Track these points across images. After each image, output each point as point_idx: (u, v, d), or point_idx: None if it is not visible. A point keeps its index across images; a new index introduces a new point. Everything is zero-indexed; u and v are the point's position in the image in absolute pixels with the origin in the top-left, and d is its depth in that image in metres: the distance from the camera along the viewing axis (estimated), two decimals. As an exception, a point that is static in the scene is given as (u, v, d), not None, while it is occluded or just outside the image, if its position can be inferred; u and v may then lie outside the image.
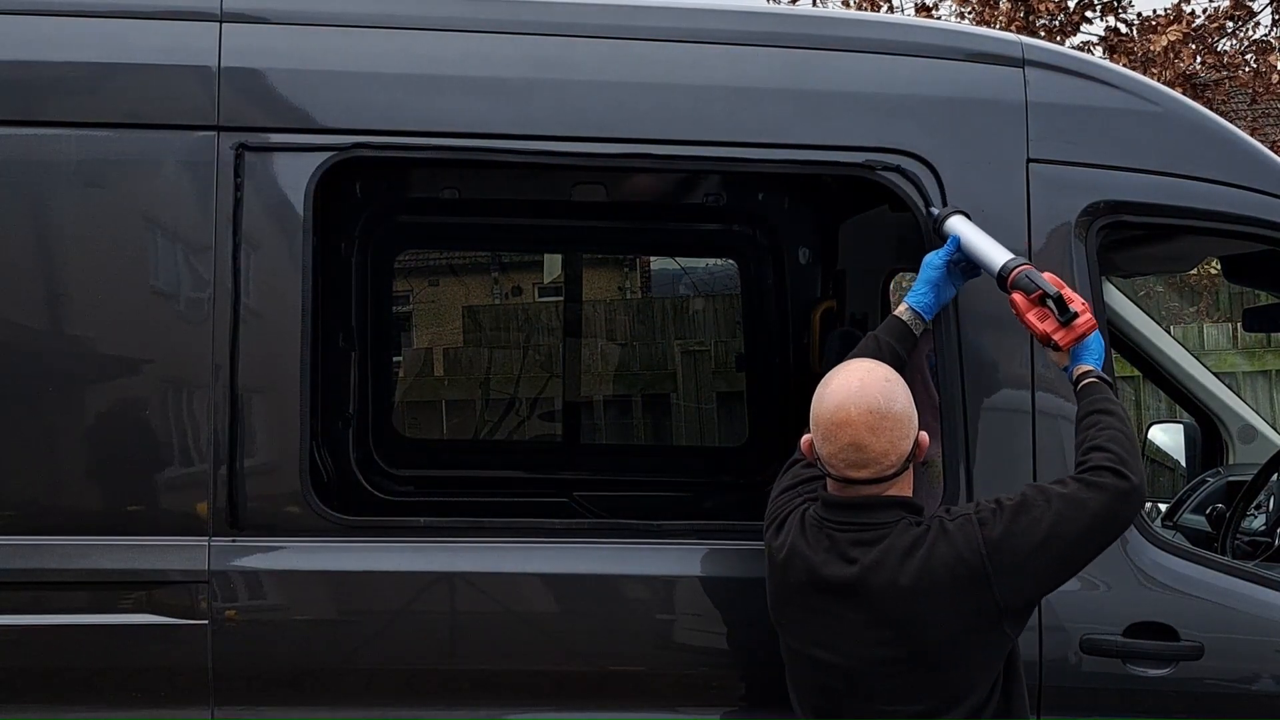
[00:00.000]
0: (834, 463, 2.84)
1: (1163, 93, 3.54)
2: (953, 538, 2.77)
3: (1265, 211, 3.41)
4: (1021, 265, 3.01)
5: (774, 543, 2.97)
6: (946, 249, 3.14)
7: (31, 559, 3.07)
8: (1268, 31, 12.46)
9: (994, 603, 2.76)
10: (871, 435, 2.80)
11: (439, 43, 3.29)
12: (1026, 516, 2.77)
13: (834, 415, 2.83)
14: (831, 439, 2.83)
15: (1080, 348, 3.00)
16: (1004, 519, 2.78)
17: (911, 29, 3.82)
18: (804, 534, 2.91)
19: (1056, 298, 2.94)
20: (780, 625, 2.98)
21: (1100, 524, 2.79)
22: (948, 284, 3.18)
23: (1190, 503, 4.71)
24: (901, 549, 2.79)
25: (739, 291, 5.45)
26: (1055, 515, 2.76)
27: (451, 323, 7.98)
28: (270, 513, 3.13)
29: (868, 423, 2.80)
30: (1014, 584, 2.76)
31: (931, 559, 2.76)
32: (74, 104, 3.16)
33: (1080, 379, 3.00)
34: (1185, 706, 3.20)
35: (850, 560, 2.82)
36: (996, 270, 3.04)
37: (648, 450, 7.15)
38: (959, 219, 3.16)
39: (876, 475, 2.83)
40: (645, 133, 3.29)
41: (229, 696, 3.09)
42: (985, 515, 2.80)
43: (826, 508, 2.90)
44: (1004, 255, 3.05)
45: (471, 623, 3.20)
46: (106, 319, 3.14)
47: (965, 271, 3.17)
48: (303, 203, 3.16)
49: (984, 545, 2.75)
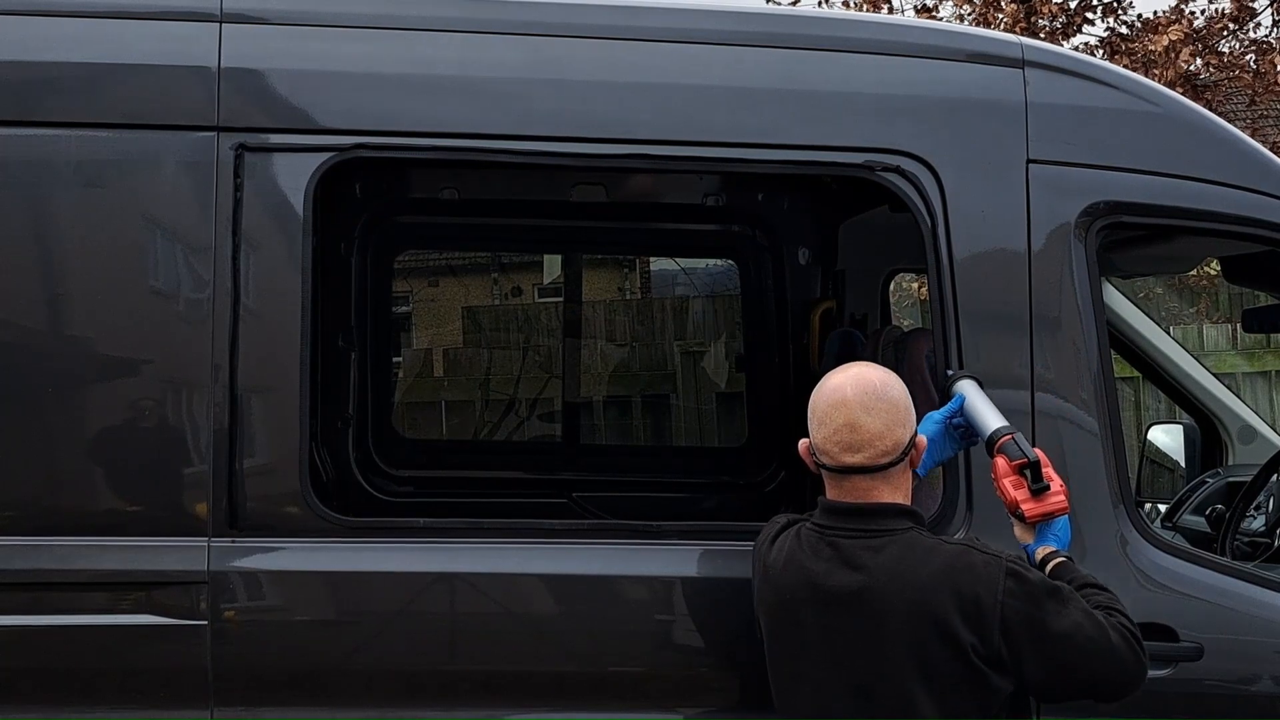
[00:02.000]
0: (828, 448, 2.81)
1: (1162, 93, 3.54)
2: (977, 570, 2.70)
3: (1265, 212, 3.41)
4: (1012, 432, 2.96)
5: (768, 558, 2.91)
6: (949, 408, 3.09)
7: (31, 559, 3.07)
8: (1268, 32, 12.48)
9: (992, 649, 2.68)
10: (867, 415, 2.78)
11: (439, 43, 3.29)
12: (1056, 600, 2.70)
13: (830, 397, 2.82)
14: (827, 422, 2.81)
15: (1047, 529, 2.92)
16: (1035, 587, 2.70)
17: (911, 30, 3.82)
18: (801, 547, 2.86)
19: (1034, 465, 2.89)
20: (776, 650, 2.89)
21: (1105, 666, 2.71)
22: (944, 443, 3.09)
23: (1190, 504, 4.71)
24: (915, 557, 2.73)
25: (738, 292, 5.45)
26: (1077, 625, 2.69)
27: (451, 323, 7.99)
28: (270, 513, 3.13)
29: (863, 403, 2.79)
30: (1012, 645, 2.68)
31: (949, 576, 2.70)
32: (74, 104, 3.16)
33: (1047, 559, 2.88)
34: (1185, 707, 3.19)
35: (857, 567, 2.76)
36: (988, 433, 2.99)
37: (647, 451, 7.15)
38: (969, 382, 3.10)
39: (871, 460, 2.79)
40: (644, 133, 3.28)
41: (228, 697, 3.08)
42: (1017, 570, 2.72)
43: (827, 514, 2.85)
44: (999, 420, 3.00)
45: (471, 623, 3.20)
46: (106, 320, 3.14)
47: (963, 436, 3.10)
48: (302, 203, 3.16)
49: (1003, 594, 2.68)
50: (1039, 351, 3.23)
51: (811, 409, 2.87)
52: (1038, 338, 3.26)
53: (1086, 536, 3.20)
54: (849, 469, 2.81)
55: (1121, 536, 3.23)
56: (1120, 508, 3.24)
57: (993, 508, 3.06)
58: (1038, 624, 2.68)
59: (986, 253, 3.31)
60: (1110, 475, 3.24)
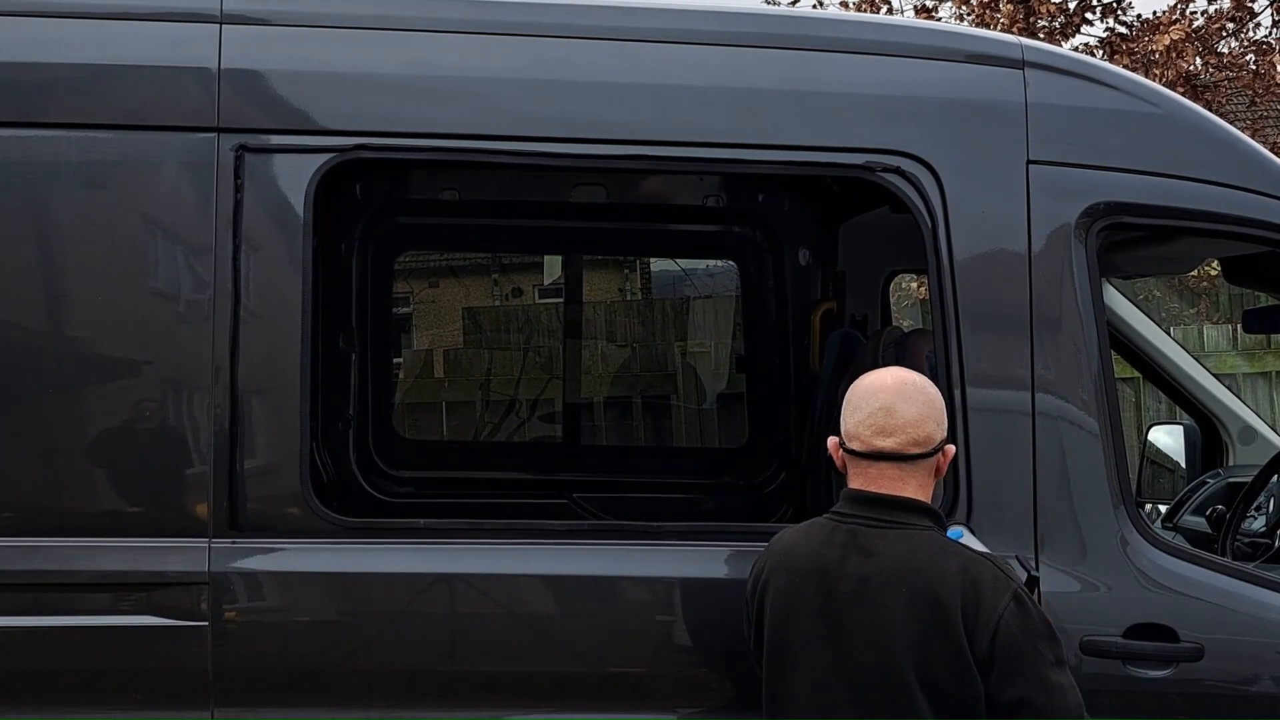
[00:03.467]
0: (861, 432, 2.82)
1: (1162, 94, 3.54)
2: (987, 581, 2.70)
3: (1265, 213, 3.41)
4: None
5: (779, 546, 2.92)
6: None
7: (31, 560, 3.07)
8: (1268, 33, 12.48)
9: (980, 652, 2.68)
10: (904, 402, 2.81)
11: (439, 45, 3.29)
12: (1051, 648, 2.71)
13: (869, 385, 2.87)
14: (862, 407, 2.84)
15: None
16: (1035, 621, 2.70)
17: (911, 30, 3.83)
18: (816, 534, 2.87)
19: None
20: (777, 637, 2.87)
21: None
22: None
23: (1190, 504, 4.70)
24: (929, 553, 2.74)
25: (739, 293, 5.45)
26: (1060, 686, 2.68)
27: (452, 324, 7.99)
28: (270, 514, 3.13)
29: (901, 391, 2.83)
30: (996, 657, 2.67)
31: (962, 575, 2.70)
32: (74, 105, 3.16)
33: None
34: (1185, 708, 3.20)
35: (870, 554, 2.77)
36: None
37: (648, 452, 7.15)
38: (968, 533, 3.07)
39: (901, 447, 2.80)
40: (644, 134, 3.29)
41: (229, 698, 3.08)
42: (1023, 598, 2.72)
43: (849, 502, 2.86)
44: None
45: (471, 624, 3.20)
46: (107, 320, 3.14)
47: None
48: (303, 204, 3.16)
49: (1004, 611, 2.68)
50: (1039, 352, 3.24)
51: (847, 400, 2.90)
52: (1038, 338, 3.26)
53: (1087, 537, 3.21)
54: (879, 454, 2.82)
55: (1122, 537, 3.23)
56: (1121, 508, 3.25)
57: (993, 507, 3.04)
58: (1026, 655, 2.68)
59: (987, 253, 3.31)
60: (1110, 475, 3.25)
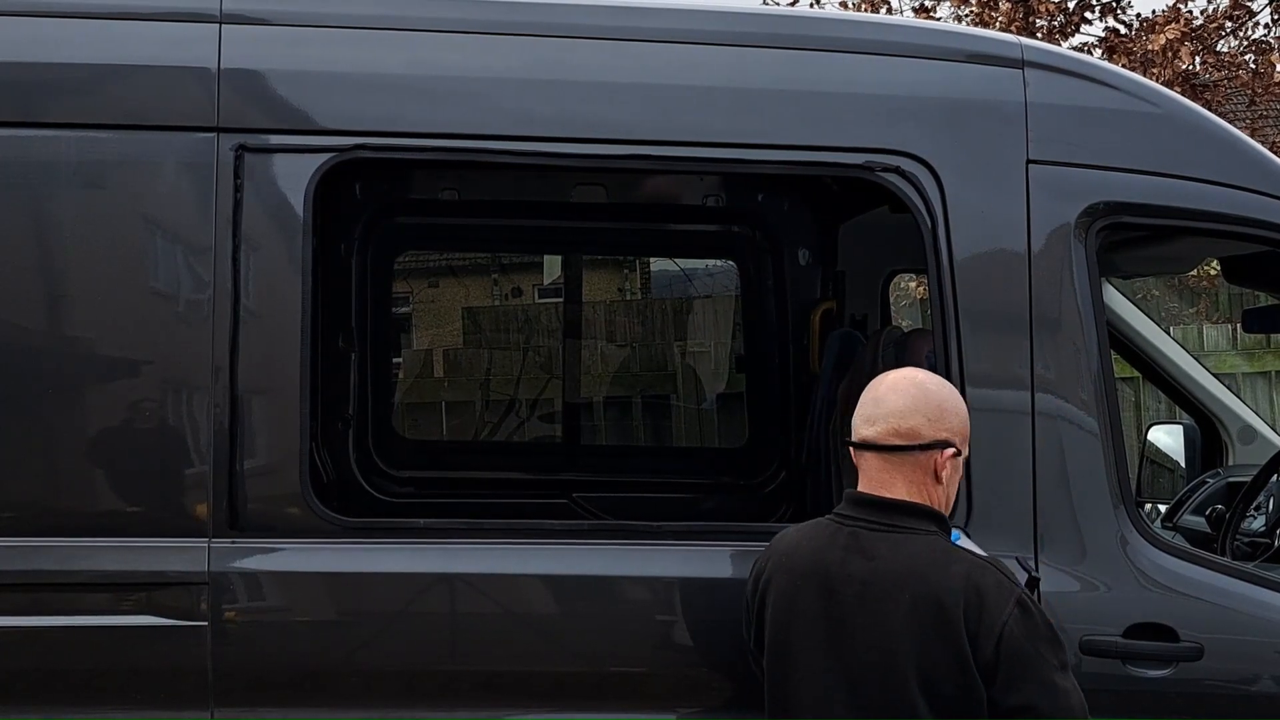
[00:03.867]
0: (854, 423, 2.86)
1: (1162, 94, 3.54)
2: (990, 586, 2.69)
3: (1264, 212, 3.41)
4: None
5: (781, 546, 2.92)
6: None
7: (31, 560, 3.07)
8: (1267, 32, 12.47)
9: (984, 658, 2.66)
10: (893, 393, 2.82)
11: (439, 44, 3.29)
12: (1055, 653, 2.69)
13: (875, 380, 2.89)
14: (860, 399, 2.86)
15: None
16: (1038, 626, 2.69)
17: (911, 30, 3.83)
18: (819, 535, 2.86)
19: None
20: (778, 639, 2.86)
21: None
22: None
23: (1190, 504, 4.71)
24: (933, 557, 2.73)
25: (738, 293, 5.45)
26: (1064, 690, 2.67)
27: (451, 324, 7.98)
28: (270, 514, 3.13)
29: (896, 384, 2.84)
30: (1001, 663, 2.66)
31: (966, 579, 2.68)
32: (74, 105, 3.16)
33: None
34: (1185, 707, 3.19)
35: (873, 557, 2.76)
36: None
37: (648, 451, 7.14)
38: (964, 536, 3.04)
39: (881, 436, 2.78)
40: (644, 134, 3.29)
41: (228, 698, 3.08)
42: (1026, 603, 2.70)
43: (850, 504, 2.85)
44: None
45: (471, 624, 3.20)
46: (106, 320, 3.14)
47: None
48: (303, 204, 3.16)
49: (1008, 617, 2.66)
50: (1039, 352, 3.23)
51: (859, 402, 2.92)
52: (1038, 338, 3.26)
53: (1086, 537, 3.21)
54: (863, 443, 2.83)
55: (1122, 536, 3.23)
56: (1120, 508, 3.24)
57: (992, 507, 3.04)
58: (1031, 660, 2.67)
59: (986, 253, 3.31)
60: (1110, 475, 3.24)
